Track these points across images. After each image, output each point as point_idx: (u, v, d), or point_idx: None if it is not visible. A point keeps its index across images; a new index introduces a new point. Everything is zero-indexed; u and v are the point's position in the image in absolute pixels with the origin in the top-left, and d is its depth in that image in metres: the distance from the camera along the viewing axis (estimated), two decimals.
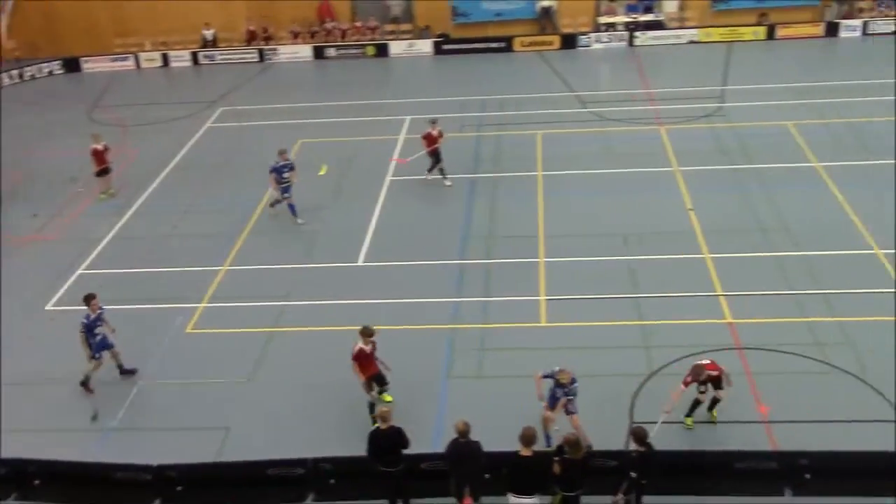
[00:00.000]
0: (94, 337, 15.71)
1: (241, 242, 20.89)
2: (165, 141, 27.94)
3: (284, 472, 13.22)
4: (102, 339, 15.87)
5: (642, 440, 11.65)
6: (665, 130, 26.01)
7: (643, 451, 11.67)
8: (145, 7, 37.37)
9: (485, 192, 22.77)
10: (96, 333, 15.75)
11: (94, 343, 15.72)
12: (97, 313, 15.80)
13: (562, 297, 17.78)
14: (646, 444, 11.66)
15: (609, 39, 35.74)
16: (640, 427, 11.88)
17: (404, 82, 33.18)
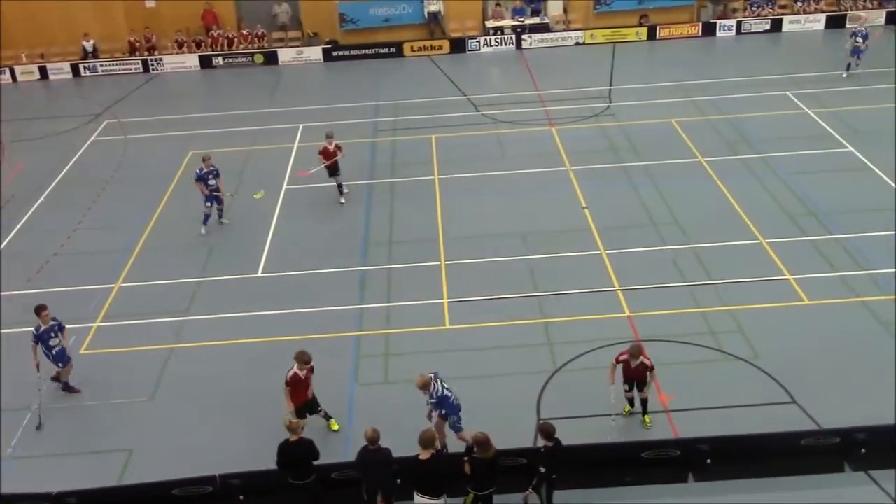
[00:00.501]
0: (50, 350, 15.34)
1: (134, 258, 20.31)
2: (49, 156, 26.88)
3: (191, 492, 12.91)
4: (61, 350, 15.48)
5: (550, 435, 11.88)
6: (556, 131, 26.57)
7: (551, 446, 11.91)
8: (20, 18, 35.76)
9: (382, 197, 22.78)
10: (52, 346, 15.37)
11: (53, 356, 15.41)
12: (49, 325, 15.34)
13: (464, 298, 17.95)
14: (553, 439, 11.90)
15: (497, 43, 36.26)
16: (548, 423, 12.09)
17: (295, 90, 32.85)
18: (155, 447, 14.37)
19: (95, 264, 20.02)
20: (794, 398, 14.51)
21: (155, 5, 36.47)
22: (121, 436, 14.67)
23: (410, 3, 36.62)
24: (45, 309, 15.52)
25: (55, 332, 15.51)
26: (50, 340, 15.42)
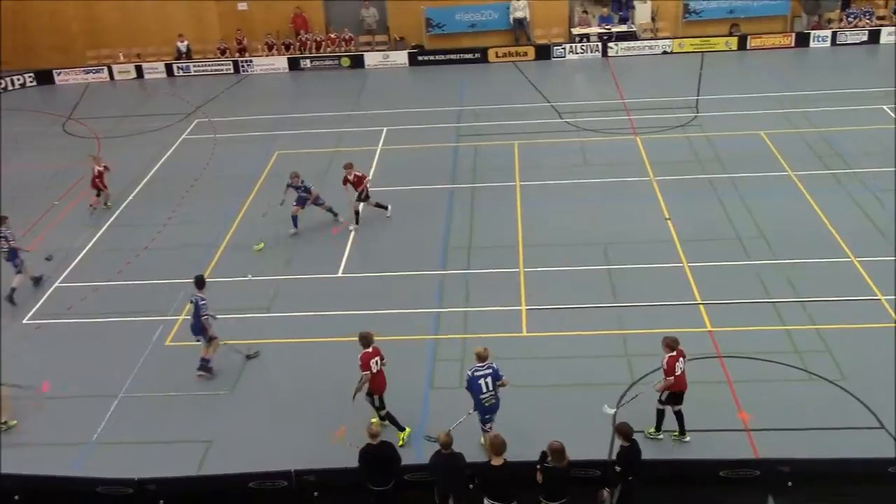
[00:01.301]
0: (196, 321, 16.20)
1: (219, 254, 20.78)
2: (142, 153, 27.74)
3: (267, 486, 13.13)
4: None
5: (627, 436, 11.73)
6: (641, 140, 26.23)
7: (627, 447, 11.74)
8: (119, 20, 37.17)
9: (463, 202, 22.81)
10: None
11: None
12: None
13: (542, 306, 17.85)
14: (631, 440, 11.73)
15: (583, 50, 36.00)
16: (625, 423, 11.91)
17: (380, 93, 33.18)
18: (233, 440, 14.67)
19: (182, 259, 20.54)
20: (882, 423, 14.00)
21: (247, 8, 37.32)
22: (201, 427, 15.03)
23: (496, 9, 36.65)
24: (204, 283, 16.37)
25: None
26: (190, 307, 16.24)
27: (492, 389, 13.20)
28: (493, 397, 13.25)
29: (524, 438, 13.07)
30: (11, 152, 28.77)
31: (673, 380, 13.41)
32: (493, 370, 13.22)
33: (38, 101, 34.83)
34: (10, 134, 30.58)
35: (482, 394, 13.17)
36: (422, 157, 26.09)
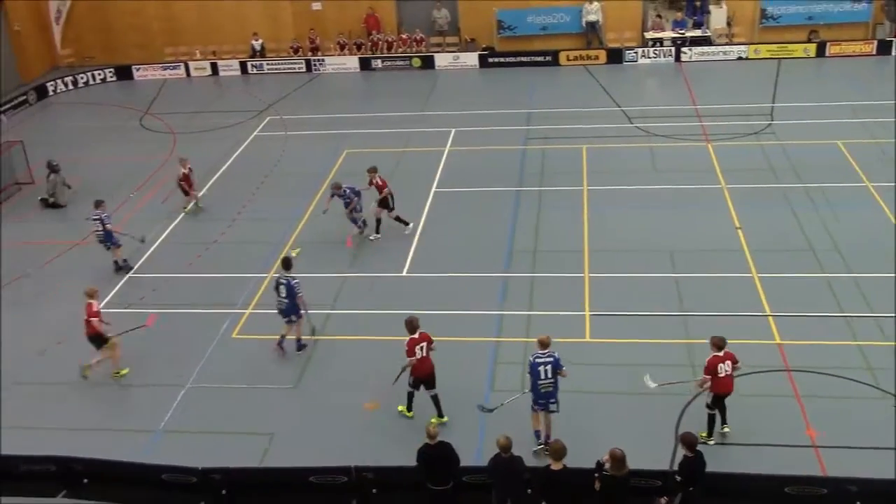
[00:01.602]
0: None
1: (286, 250, 21.05)
2: (215, 148, 28.31)
3: (327, 480, 13.29)
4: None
5: (692, 446, 11.57)
6: (712, 147, 25.80)
7: (691, 457, 11.56)
8: (196, 18, 38.02)
9: (530, 205, 22.72)
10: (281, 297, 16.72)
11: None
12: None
13: (607, 312, 17.69)
14: (695, 451, 11.56)
15: (656, 54, 35.55)
16: (690, 433, 11.74)
17: (450, 94, 33.26)
18: (295, 433, 14.88)
19: (251, 254, 20.90)
20: None
21: (321, 8, 37.78)
22: (264, 419, 15.27)
23: (568, 12, 36.44)
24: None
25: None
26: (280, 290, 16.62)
27: (550, 377, 13.52)
28: (550, 385, 13.56)
29: (585, 445, 12.94)
30: (91, 145, 29.64)
31: (709, 378, 13.51)
32: (553, 359, 13.52)
33: (117, 95, 35.80)
34: (91, 127, 31.54)
35: (540, 380, 13.52)
36: (489, 158, 26.07)
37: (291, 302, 16.62)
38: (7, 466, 13.99)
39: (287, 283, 16.55)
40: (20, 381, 16.81)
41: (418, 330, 14.58)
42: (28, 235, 23.05)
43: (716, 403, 13.87)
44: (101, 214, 20.18)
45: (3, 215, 24.51)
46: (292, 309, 16.73)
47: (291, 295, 16.55)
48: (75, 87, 36.82)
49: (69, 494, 13.81)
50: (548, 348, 13.58)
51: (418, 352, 14.47)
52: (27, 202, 25.05)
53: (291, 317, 16.86)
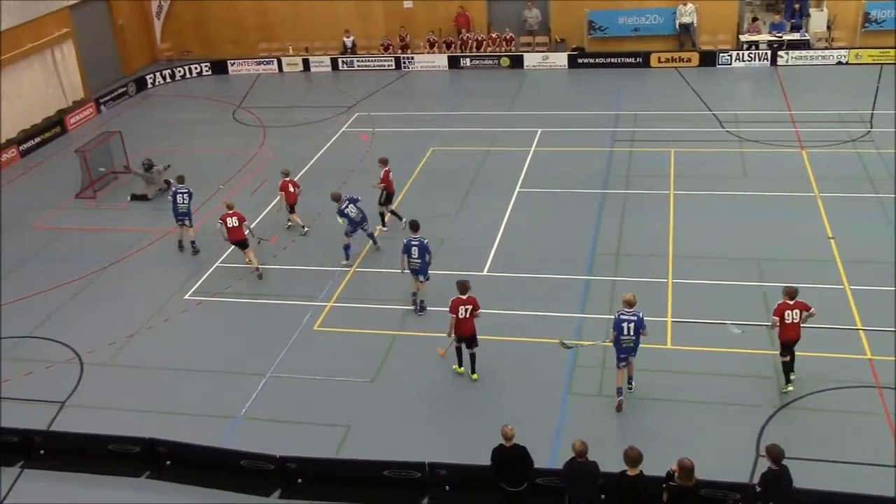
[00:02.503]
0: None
1: (369, 245, 21.27)
2: (303, 143, 28.80)
3: (401, 475, 13.40)
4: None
5: (777, 459, 11.22)
6: (807, 154, 25.05)
7: (776, 470, 11.23)
8: (290, 14, 38.74)
9: (614, 207, 22.45)
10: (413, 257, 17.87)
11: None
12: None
13: (690, 319, 17.36)
14: (780, 464, 11.22)
15: (751, 58, 34.69)
16: (777, 445, 11.37)
17: (537, 95, 33.08)
18: (371, 427, 15.03)
19: (334, 248, 21.16)
20: None
21: (412, 6, 38.05)
22: (341, 411, 15.47)
23: (661, 14, 35.85)
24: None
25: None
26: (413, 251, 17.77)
27: (632, 334, 14.45)
28: (631, 341, 14.54)
29: (662, 453, 12.73)
30: (185, 136, 30.52)
31: (778, 321, 14.51)
32: (637, 318, 14.44)
33: (212, 89, 36.74)
34: (186, 119, 32.47)
35: (623, 335, 14.53)
36: (575, 160, 25.85)
37: (423, 262, 17.74)
38: (95, 445, 14.52)
39: (420, 244, 17.73)
40: (111, 364, 17.42)
41: (468, 293, 15.55)
42: (121, 222, 23.85)
43: (785, 350, 14.74)
44: (189, 189, 21.30)
45: (99, 202, 25.43)
46: (425, 268, 17.87)
47: (423, 255, 17.69)
48: (172, 80, 37.97)
49: (152, 475, 14.26)
50: (633, 307, 14.50)
51: (461, 312, 15.49)
52: (123, 191, 25.93)
53: (421, 277, 17.99)
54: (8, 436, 14.84)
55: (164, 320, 18.80)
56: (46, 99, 32.43)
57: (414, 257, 17.83)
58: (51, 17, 32.58)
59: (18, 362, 17.60)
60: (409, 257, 17.90)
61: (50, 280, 20.73)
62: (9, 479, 14.40)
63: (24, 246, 22.78)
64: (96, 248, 22.34)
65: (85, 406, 16.12)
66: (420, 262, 17.84)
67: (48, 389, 16.60)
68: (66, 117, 32.35)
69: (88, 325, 18.78)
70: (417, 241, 17.83)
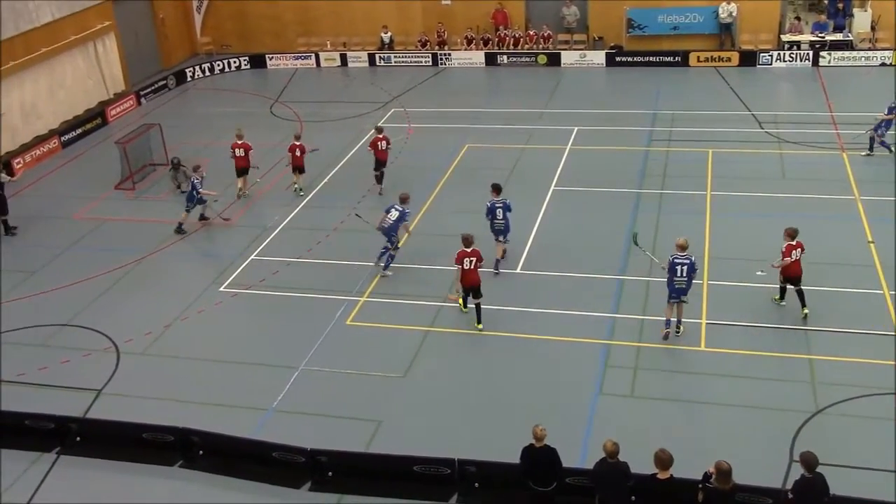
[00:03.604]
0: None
1: (404, 240, 21.25)
2: (339, 137, 28.93)
3: (431, 471, 13.42)
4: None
5: (811, 467, 11.07)
6: (847, 156, 24.68)
7: (809, 478, 11.08)
8: (328, 9, 38.92)
9: (650, 207, 22.28)
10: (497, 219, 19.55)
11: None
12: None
13: (724, 322, 17.20)
14: (815, 472, 11.07)
15: (792, 58, 34.24)
16: (811, 453, 11.21)
17: (574, 92, 32.93)
18: (402, 422, 15.06)
19: (368, 243, 21.24)
20: None
21: (450, 3, 38.04)
22: (372, 406, 15.52)
23: (701, 12, 35.50)
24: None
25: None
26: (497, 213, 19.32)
27: (685, 276, 16.13)
28: (683, 283, 16.21)
29: (695, 456, 12.64)
30: (223, 129, 30.72)
31: (789, 261, 16.71)
32: (690, 261, 16.17)
33: (251, 83, 37.03)
34: (224, 113, 32.74)
35: (676, 277, 16.21)
36: (611, 158, 25.71)
37: (507, 222, 19.33)
38: (130, 433, 14.72)
39: (504, 205, 19.27)
40: (147, 353, 17.64)
41: (472, 246, 17.26)
42: (158, 213, 24.12)
43: (788, 281, 17.12)
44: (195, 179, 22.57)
45: (137, 193, 25.74)
46: (507, 228, 19.44)
47: (507, 215, 19.29)
48: (211, 73, 38.31)
49: (185, 464, 14.42)
50: (686, 251, 16.18)
51: (466, 263, 17.20)
52: (161, 182, 26.22)
53: (502, 237, 19.49)
54: (45, 422, 15.08)
55: (198, 311, 18.99)
56: (88, 91, 32.89)
57: (498, 218, 19.29)
58: (94, 10, 33.02)
59: (56, 350, 17.89)
60: (493, 219, 19.34)
61: (89, 269, 21.03)
62: (45, 464, 14.63)
63: (64, 235, 23.13)
64: (134, 238, 22.62)
65: (120, 395, 16.34)
66: (504, 223, 19.31)
67: (85, 377, 16.85)
68: (107, 109, 32.78)
69: (125, 315, 19.04)
70: (501, 202, 19.23)
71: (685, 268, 16.06)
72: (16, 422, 15.17)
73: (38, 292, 20.23)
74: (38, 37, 30.12)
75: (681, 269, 16.08)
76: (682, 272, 16.07)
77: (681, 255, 16.15)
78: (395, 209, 19.60)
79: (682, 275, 16.08)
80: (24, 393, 16.39)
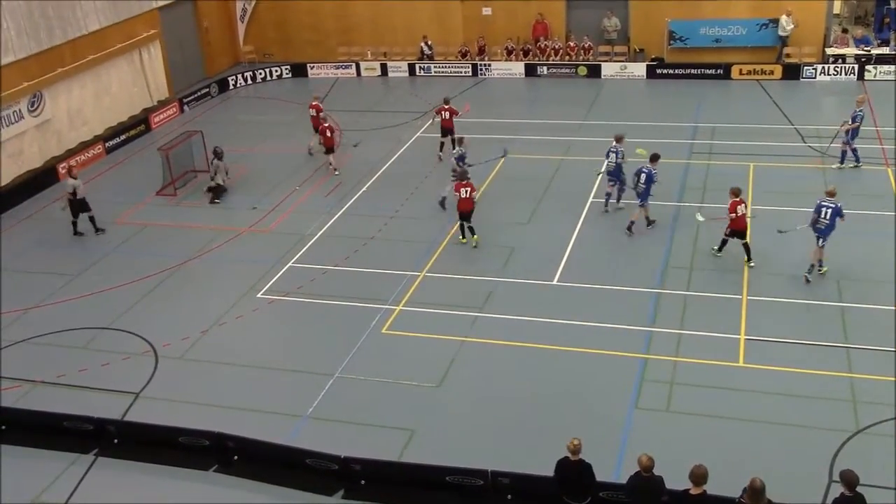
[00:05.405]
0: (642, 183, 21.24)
1: (440, 250, 21.37)
2: (379, 147, 29.06)
3: (463, 481, 13.39)
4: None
5: (851, 485, 10.87)
6: (892, 172, 24.26)
7: (850, 497, 10.88)
8: (369, 19, 39.15)
9: (689, 220, 22.04)
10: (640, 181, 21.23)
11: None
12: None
13: (764, 338, 16.97)
14: (854, 491, 10.87)
15: (836, 72, 33.78)
16: (851, 471, 11.03)
17: (614, 104, 32.76)
18: (435, 432, 15.06)
19: (405, 252, 21.32)
20: None
21: (491, 13, 38.08)
22: (406, 415, 15.53)
23: (745, 25, 35.15)
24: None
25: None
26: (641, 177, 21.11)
27: (828, 219, 18.16)
28: (825, 224, 18.26)
29: (730, 473, 12.46)
30: (263, 137, 31.08)
31: (735, 217, 19.04)
32: (836, 206, 18.17)
33: (291, 91, 37.34)
34: (265, 121, 33.06)
35: (820, 217, 18.30)
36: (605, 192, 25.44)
37: (648, 188, 21.03)
38: (167, 436, 14.87)
39: (648, 172, 20.83)
40: (184, 358, 17.83)
41: (466, 178, 20.96)
42: (198, 219, 24.40)
43: (733, 235, 19.41)
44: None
45: (179, 199, 26.08)
46: (645, 195, 21.20)
47: (649, 182, 20.98)
48: (253, 81, 38.73)
49: (220, 469, 14.54)
50: (833, 197, 18.27)
51: (462, 192, 20.88)
52: (201, 188, 26.51)
53: (641, 201, 21.34)
54: (84, 423, 15.29)
55: (236, 317, 19.16)
56: (132, 98, 33.38)
57: (641, 182, 21.08)
58: (140, 19, 33.54)
59: (97, 353, 18.15)
60: (637, 181, 21.23)
61: (130, 274, 21.32)
62: (83, 465, 14.84)
63: (106, 240, 23.49)
64: (175, 244, 22.90)
65: (158, 398, 16.54)
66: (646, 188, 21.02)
67: (124, 380, 17.08)
68: (151, 116, 33.28)
69: (164, 319, 19.26)
70: (646, 169, 20.95)
71: (829, 210, 18.14)
72: (55, 422, 15.41)
73: (80, 295, 20.55)
74: (86, 44, 30.66)
75: (825, 212, 18.21)
76: (825, 214, 18.20)
77: (828, 200, 18.29)
78: (612, 152, 22.44)
79: (826, 217, 18.19)
80: (64, 394, 16.66)
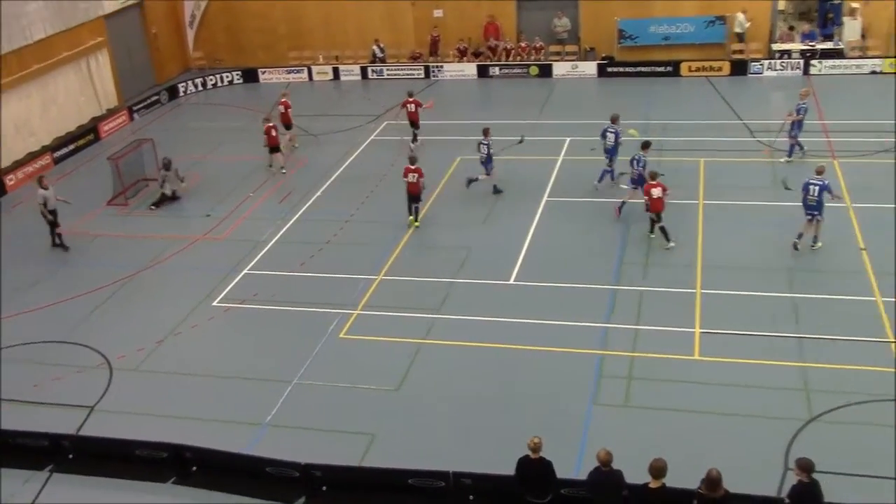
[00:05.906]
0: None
1: (396, 253, 21.35)
2: (332, 151, 28.96)
3: (425, 484, 13.39)
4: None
5: (808, 472, 11.06)
6: (838, 164, 24.75)
7: (807, 483, 11.07)
8: (320, 23, 39.00)
9: (643, 216, 22.27)
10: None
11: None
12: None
13: (718, 331, 17.20)
14: (811, 478, 11.06)
15: (783, 67, 34.39)
16: (807, 458, 11.21)
17: (566, 103, 32.99)
18: (396, 436, 15.03)
19: (362, 255, 21.26)
20: None
21: (442, 15, 38.14)
22: (366, 420, 15.49)
23: (693, 22, 35.63)
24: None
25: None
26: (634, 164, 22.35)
27: (816, 196, 19.21)
28: (815, 201, 19.29)
29: (689, 465, 12.57)
30: (215, 144, 30.78)
31: (647, 199, 20.50)
32: (822, 184, 19.20)
33: (243, 97, 37.05)
34: (216, 127, 32.76)
35: (808, 195, 19.35)
36: (603, 168, 25.72)
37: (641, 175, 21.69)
38: (123, 450, 14.66)
39: (639, 159, 22.03)
40: (139, 369, 17.59)
41: (415, 164, 22.14)
42: (150, 229, 24.10)
43: (658, 218, 20.52)
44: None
45: (130, 209, 25.72)
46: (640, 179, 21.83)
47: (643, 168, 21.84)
48: (204, 88, 38.35)
49: (178, 481, 14.37)
50: (821, 175, 19.34)
51: (410, 177, 22.12)
52: (153, 198, 26.17)
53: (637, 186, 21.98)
54: (38, 440, 15.01)
55: (192, 326, 18.96)
56: (80, 107, 32.88)
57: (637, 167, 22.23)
58: (86, 27, 33.06)
59: (49, 367, 17.83)
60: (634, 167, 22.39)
61: (81, 285, 20.99)
62: (38, 482, 14.56)
63: (56, 252, 23.09)
64: (127, 254, 22.59)
65: (113, 411, 16.29)
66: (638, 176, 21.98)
67: (78, 394, 16.80)
68: (100, 125, 32.81)
69: (118, 331, 19.00)
70: (639, 156, 22.21)
71: (817, 188, 19.12)
72: (7, 440, 15.11)
73: (31, 308, 20.18)
74: (31, 53, 30.14)
75: (812, 189, 19.19)
76: (813, 191, 19.19)
77: (816, 178, 19.30)
78: (609, 132, 23.82)
79: (814, 194, 19.17)
80: (17, 410, 16.33)
